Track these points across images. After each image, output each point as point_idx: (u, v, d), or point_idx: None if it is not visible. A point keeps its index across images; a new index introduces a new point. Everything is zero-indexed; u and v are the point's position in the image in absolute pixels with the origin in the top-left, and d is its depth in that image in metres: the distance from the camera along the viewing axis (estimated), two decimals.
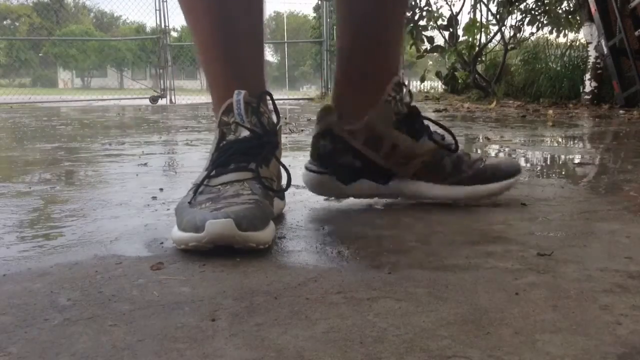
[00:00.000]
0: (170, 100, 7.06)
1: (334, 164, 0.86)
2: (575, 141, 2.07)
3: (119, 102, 7.23)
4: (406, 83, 0.88)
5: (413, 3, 5.42)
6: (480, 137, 2.10)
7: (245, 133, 0.72)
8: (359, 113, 0.83)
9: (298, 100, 7.36)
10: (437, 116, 3.52)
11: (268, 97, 0.76)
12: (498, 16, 5.11)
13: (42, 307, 0.49)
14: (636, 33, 3.98)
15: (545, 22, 5.38)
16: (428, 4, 5.46)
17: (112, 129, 2.69)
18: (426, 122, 0.88)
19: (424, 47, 5.66)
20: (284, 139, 2.05)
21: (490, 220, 0.80)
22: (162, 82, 7.32)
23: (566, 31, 5.53)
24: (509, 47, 5.11)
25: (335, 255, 0.64)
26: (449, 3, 5.55)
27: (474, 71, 5.38)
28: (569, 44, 5.41)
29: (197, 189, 0.70)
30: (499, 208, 0.87)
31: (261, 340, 0.43)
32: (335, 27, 1.02)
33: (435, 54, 5.97)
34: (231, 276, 0.57)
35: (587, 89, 4.44)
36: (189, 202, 0.68)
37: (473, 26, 5.29)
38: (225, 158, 0.71)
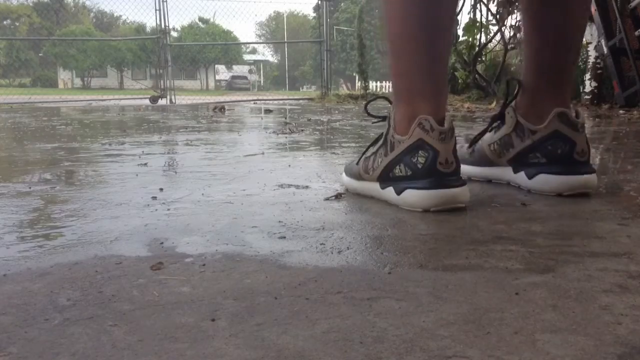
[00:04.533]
0: (170, 100, 7.06)
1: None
2: None
3: (119, 102, 7.24)
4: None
5: None
6: None
7: None
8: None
9: (298, 100, 7.37)
10: None
11: None
12: (498, 16, 5.11)
13: (42, 307, 0.49)
14: (636, 33, 3.98)
15: None
16: None
17: (112, 129, 2.69)
18: None
19: None
20: (283, 139, 2.05)
21: (490, 220, 0.80)
22: (162, 82, 7.33)
23: None
24: (509, 47, 5.11)
25: (335, 255, 0.64)
26: None
27: (474, 71, 5.39)
28: None
29: None
30: (499, 208, 0.87)
31: (261, 340, 0.43)
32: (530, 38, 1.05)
33: None
34: (231, 276, 0.57)
35: (587, 89, 4.44)
36: None
37: (473, 26, 5.29)
38: None
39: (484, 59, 5.60)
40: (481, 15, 5.56)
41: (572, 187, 0.95)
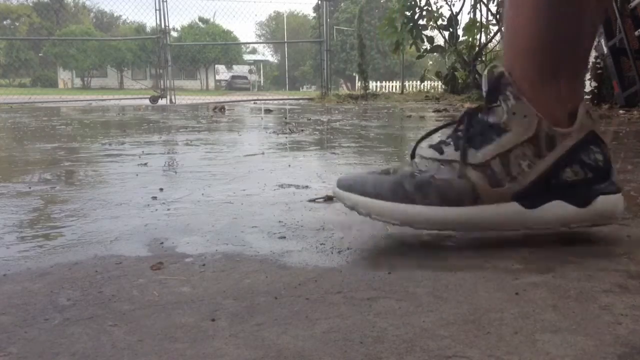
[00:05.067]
0: (170, 100, 7.07)
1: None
2: None
3: (119, 102, 7.24)
4: None
5: (413, 2, 5.43)
6: None
7: None
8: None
9: (298, 100, 7.37)
10: (437, 116, 3.52)
11: None
12: (498, 16, 5.11)
13: (42, 307, 0.49)
14: (636, 33, 3.98)
15: None
16: (428, 3, 5.47)
17: (112, 129, 2.69)
18: None
19: (424, 47, 5.67)
20: (283, 139, 2.05)
21: None
22: (162, 82, 7.33)
23: None
24: None
25: (335, 255, 0.64)
26: (449, 3, 5.56)
27: (474, 71, 5.39)
28: None
29: None
30: None
31: (261, 340, 0.43)
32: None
33: (435, 53, 5.98)
34: (231, 276, 0.57)
35: (587, 89, 4.45)
36: None
37: (473, 26, 5.30)
38: None
39: (484, 59, 5.60)
40: (481, 15, 5.57)
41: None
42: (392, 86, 18.59)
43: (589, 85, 4.42)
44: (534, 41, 0.67)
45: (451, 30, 5.47)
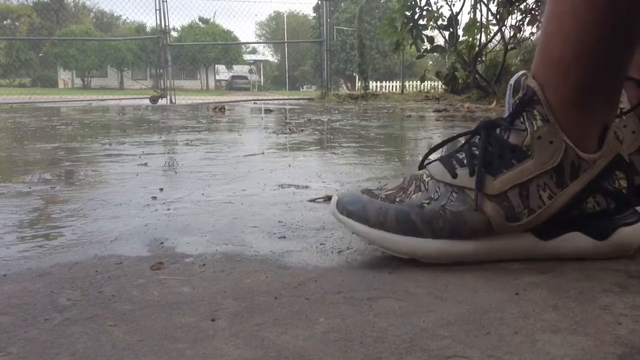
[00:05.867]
0: (171, 100, 7.07)
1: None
2: None
3: (119, 102, 7.24)
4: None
5: (413, 2, 5.43)
6: None
7: None
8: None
9: (298, 100, 7.37)
10: (437, 116, 3.52)
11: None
12: (498, 16, 5.11)
13: (42, 307, 0.49)
14: None
15: None
16: (428, 3, 5.47)
17: (112, 129, 2.69)
18: None
19: (424, 47, 5.67)
20: (283, 139, 2.05)
21: None
22: (162, 82, 7.33)
23: None
24: (509, 47, 5.11)
25: (336, 255, 0.64)
26: (449, 3, 5.56)
27: (474, 71, 5.39)
28: None
29: None
30: None
31: (261, 340, 0.43)
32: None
33: (435, 53, 5.98)
34: (231, 276, 0.57)
35: None
36: None
37: (473, 26, 5.30)
38: None
39: (484, 59, 5.60)
40: (481, 15, 5.56)
41: None
42: (392, 86, 18.57)
43: None
44: (578, 49, 0.57)
45: (451, 30, 5.47)
